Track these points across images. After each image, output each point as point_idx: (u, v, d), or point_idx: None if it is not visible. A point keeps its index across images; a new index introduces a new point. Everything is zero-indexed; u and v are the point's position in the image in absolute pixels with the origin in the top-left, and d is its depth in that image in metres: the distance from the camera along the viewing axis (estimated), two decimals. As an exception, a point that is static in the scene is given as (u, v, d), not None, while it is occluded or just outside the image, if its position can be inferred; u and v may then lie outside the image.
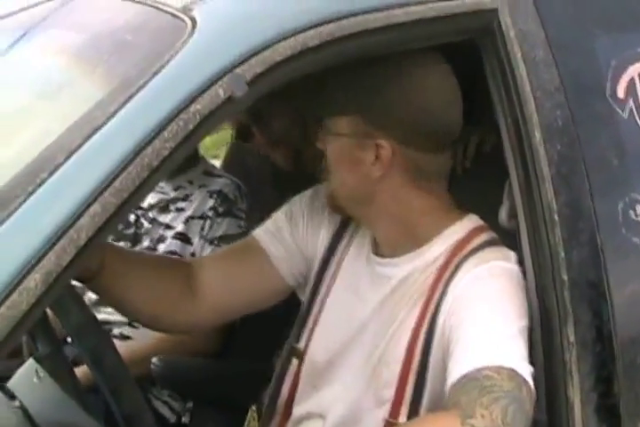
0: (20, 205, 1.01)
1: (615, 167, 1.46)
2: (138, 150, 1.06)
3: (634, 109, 1.50)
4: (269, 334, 2.15)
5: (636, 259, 1.45)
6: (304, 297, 1.66)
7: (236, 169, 2.52)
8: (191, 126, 1.10)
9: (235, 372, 2.22)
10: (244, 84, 1.14)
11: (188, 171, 2.35)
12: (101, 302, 2.20)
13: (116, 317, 2.24)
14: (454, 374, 1.31)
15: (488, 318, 1.36)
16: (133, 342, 2.28)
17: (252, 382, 2.15)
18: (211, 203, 2.28)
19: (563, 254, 1.38)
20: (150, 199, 2.36)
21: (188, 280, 1.57)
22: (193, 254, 2.23)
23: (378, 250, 1.56)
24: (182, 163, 2.33)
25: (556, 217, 1.38)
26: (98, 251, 1.37)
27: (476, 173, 1.70)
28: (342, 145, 1.47)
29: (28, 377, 1.45)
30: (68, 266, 1.00)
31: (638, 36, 1.54)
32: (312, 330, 1.62)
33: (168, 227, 2.29)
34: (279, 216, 1.64)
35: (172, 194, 2.34)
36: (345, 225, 1.62)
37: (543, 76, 1.41)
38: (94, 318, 1.32)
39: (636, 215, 1.46)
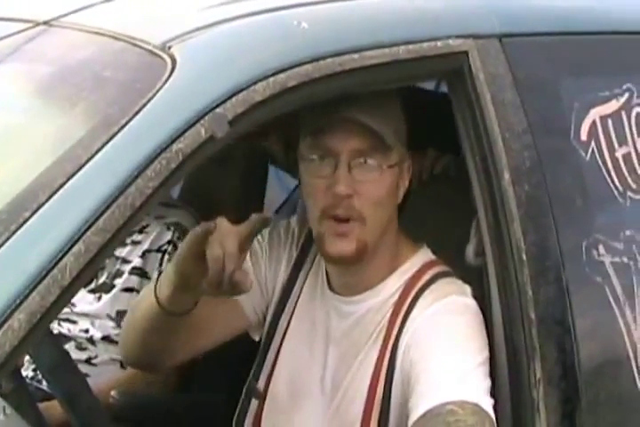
0: (3, 243, 1.00)
1: (579, 208, 1.50)
2: (122, 190, 1.06)
3: (595, 151, 1.54)
4: (229, 367, 2.15)
5: (598, 297, 1.48)
6: (260, 334, 1.65)
7: (192, 198, 2.51)
8: (174, 165, 1.11)
9: (193, 405, 2.21)
10: (225, 123, 1.15)
11: None
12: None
13: (74, 353, 2.20)
14: (419, 410, 1.33)
15: (449, 352, 1.38)
16: (92, 380, 2.26)
17: (210, 415, 2.15)
18: (168, 236, 2.24)
19: (530, 293, 1.41)
20: None
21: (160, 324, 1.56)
22: None
23: (332, 288, 1.56)
24: None
25: (524, 256, 1.41)
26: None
27: (435, 205, 1.74)
28: (392, 176, 1.47)
29: (-7, 414, 1.43)
30: (52, 306, 0.99)
31: (600, 80, 1.60)
32: (271, 369, 1.62)
33: (124, 261, 2.26)
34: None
35: None
36: (300, 262, 1.62)
37: (511, 119, 1.44)
38: (69, 358, 1.31)
39: (599, 255, 1.50)
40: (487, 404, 1.34)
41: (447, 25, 1.43)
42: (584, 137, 1.54)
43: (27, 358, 2.18)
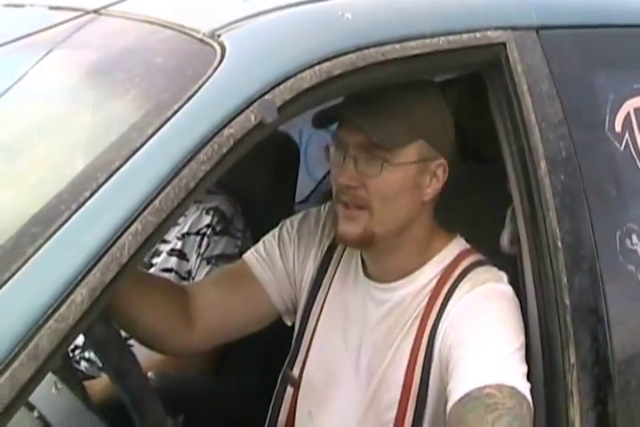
0: (64, 222, 1.04)
1: (613, 198, 1.52)
2: (176, 172, 1.10)
3: (629, 142, 1.57)
4: (261, 352, 2.19)
5: (631, 285, 1.51)
6: (295, 322, 1.68)
7: (229, 184, 2.56)
8: (225, 149, 1.14)
9: (227, 388, 2.25)
10: (274, 109, 1.18)
11: None
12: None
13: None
14: (457, 393, 1.36)
15: (487, 338, 1.41)
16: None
17: (242, 398, 2.19)
18: (207, 220, 2.29)
19: (565, 280, 1.44)
20: None
21: (186, 306, 1.60)
22: (189, 272, 2.24)
23: (368, 275, 1.59)
24: None
25: (559, 244, 1.44)
26: None
27: (472, 197, 1.76)
28: (407, 173, 1.48)
29: (45, 389, 1.48)
30: (111, 282, 1.03)
31: (635, 72, 1.62)
32: (305, 357, 1.65)
33: (163, 241, 2.31)
34: (270, 241, 1.67)
35: None
36: (331, 250, 1.65)
37: (547, 110, 1.47)
38: (118, 333, 1.35)
39: (632, 244, 1.53)
40: (524, 387, 1.37)
41: (486, 17, 1.46)
42: (618, 128, 1.56)
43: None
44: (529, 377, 1.42)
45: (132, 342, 2.27)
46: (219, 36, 1.25)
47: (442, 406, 1.44)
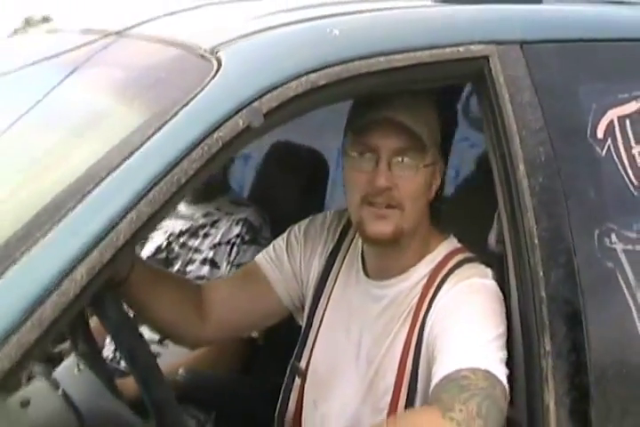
0: (70, 211, 1.21)
1: (593, 199, 1.62)
2: (169, 169, 1.26)
3: (611, 148, 1.67)
4: (287, 352, 2.33)
5: (609, 279, 1.60)
6: (302, 320, 1.83)
7: (260, 197, 2.74)
8: (214, 150, 1.30)
9: (255, 387, 2.38)
10: (260, 115, 1.34)
11: (218, 199, 2.56)
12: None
13: (147, 335, 2.44)
14: (437, 376, 1.49)
15: (466, 326, 1.54)
16: (163, 359, 2.47)
17: (270, 396, 2.32)
18: (237, 230, 2.47)
19: (541, 274, 1.54)
20: (181, 226, 2.57)
21: (200, 300, 1.76)
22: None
23: (367, 273, 1.73)
24: (212, 191, 2.58)
25: (536, 241, 1.55)
26: (128, 260, 1.58)
27: (467, 202, 1.88)
28: (427, 174, 1.64)
29: (69, 369, 1.65)
30: (107, 262, 1.19)
31: (618, 83, 1.72)
32: (312, 349, 1.79)
33: (196, 250, 2.49)
34: (279, 244, 1.83)
35: (201, 220, 2.55)
36: (335, 251, 1.79)
37: (528, 117, 1.58)
38: (130, 319, 1.51)
39: (611, 242, 1.62)
40: (499, 372, 1.48)
41: (470, 32, 1.59)
42: (600, 135, 1.66)
43: (107, 340, 2.42)
44: (510, 364, 1.53)
45: (167, 342, 2.46)
46: (217, 52, 1.41)
47: (429, 390, 1.56)
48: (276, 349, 2.30)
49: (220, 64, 1.38)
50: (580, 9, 1.84)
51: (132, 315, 1.70)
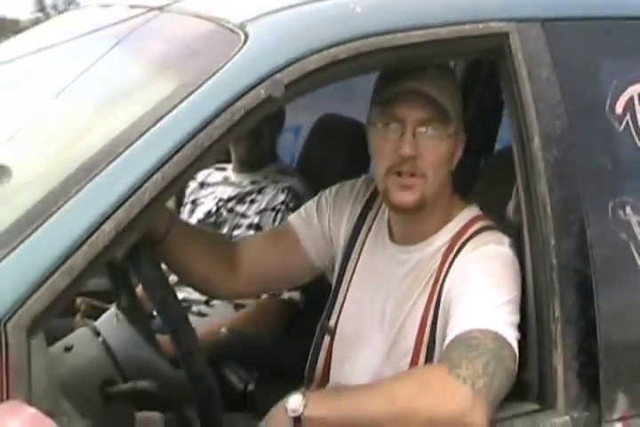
0: (102, 171, 1.33)
1: (608, 172, 1.68)
2: (194, 134, 1.37)
3: (630, 123, 1.72)
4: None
5: (621, 250, 1.66)
6: (333, 279, 1.92)
7: (306, 167, 2.85)
8: (236, 118, 1.40)
9: (295, 347, 2.49)
10: (282, 86, 1.43)
11: (265, 167, 2.69)
12: (180, 283, 2.54)
13: (195, 295, 2.58)
14: (449, 336, 1.57)
15: (479, 290, 1.61)
16: (209, 319, 2.60)
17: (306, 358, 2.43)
18: (282, 197, 2.60)
19: (553, 243, 1.61)
20: (230, 192, 2.70)
21: (234, 256, 1.88)
22: None
23: (393, 239, 1.82)
24: (261, 161, 2.71)
25: (548, 210, 1.61)
26: (165, 218, 1.70)
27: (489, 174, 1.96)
28: (450, 144, 1.72)
29: (109, 320, 1.80)
30: (134, 218, 1.31)
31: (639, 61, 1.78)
32: (340, 309, 1.88)
33: (243, 216, 2.63)
34: (310, 205, 1.93)
35: (248, 187, 2.68)
36: (363, 216, 1.88)
37: (546, 92, 1.64)
38: (163, 274, 1.64)
39: (625, 214, 1.68)
40: (509, 334, 1.56)
41: (491, 9, 1.66)
42: (619, 110, 1.71)
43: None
44: (523, 328, 1.61)
45: (213, 302, 2.59)
46: (245, 26, 1.51)
47: (445, 350, 1.65)
48: (316, 311, 2.42)
49: (247, 38, 1.48)
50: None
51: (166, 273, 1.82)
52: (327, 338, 1.91)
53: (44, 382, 1.22)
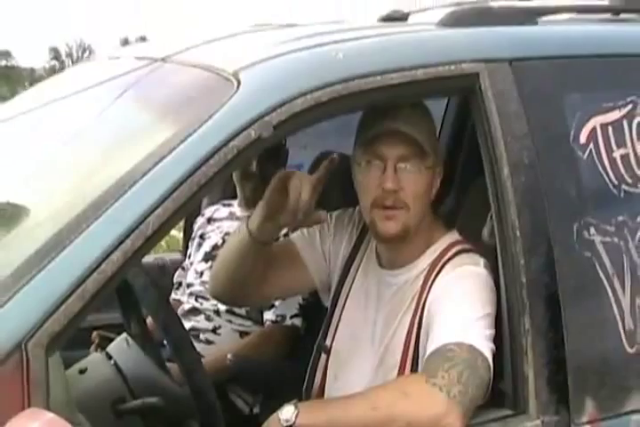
0: (109, 207, 1.50)
1: (573, 196, 1.83)
2: (191, 173, 1.54)
3: (593, 152, 1.87)
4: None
5: (586, 267, 1.81)
6: (328, 302, 2.09)
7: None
8: (230, 157, 1.57)
9: (296, 369, 2.64)
10: (270, 127, 1.60)
11: None
12: (190, 313, 2.72)
13: (203, 324, 2.75)
14: (429, 349, 1.74)
15: (455, 307, 1.78)
16: (216, 346, 2.76)
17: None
18: (285, 230, 2.76)
19: (522, 262, 1.76)
20: (235, 226, 2.87)
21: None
22: None
23: (381, 263, 1.99)
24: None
25: (517, 233, 1.77)
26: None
27: (465, 201, 2.12)
28: (428, 177, 1.90)
29: (120, 344, 1.96)
30: (139, 248, 1.48)
31: (604, 94, 1.92)
32: (335, 329, 2.05)
33: None
34: (313, 229, 2.10)
35: None
36: (359, 243, 2.05)
37: (513, 125, 1.79)
38: (166, 298, 1.81)
39: (590, 234, 1.83)
40: (483, 346, 1.71)
41: (462, 51, 1.81)
42: (583, 140, 1.86)
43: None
44: (498, 340, 1.76)
45: (219, 331, 2.75)
46: (238, 73, 1.69)
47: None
48: (316, 335, 2.57)
49: (239, 84, 1.65)
50: (565, 28, 2.05)
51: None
52: (324, 356, 2.07)
53: (60, 395, 1.38)
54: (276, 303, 2.71)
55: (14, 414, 1.24)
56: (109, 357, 1.91)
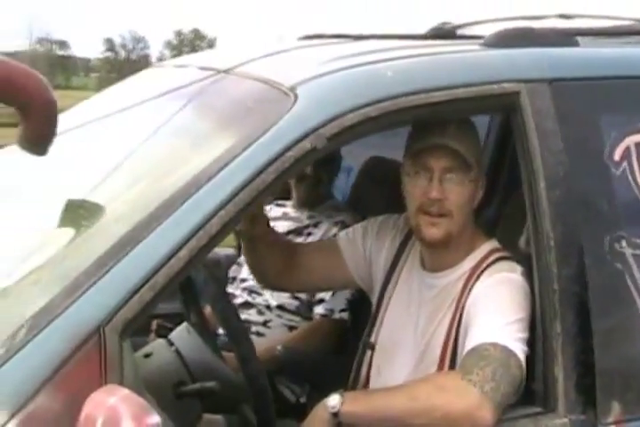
0: (178, 208, 1.65)
1: (605, 210, 1.95)
2: (252, 179, 1.68)
3: (627, 169, 2.00)
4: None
5: (616, 277, 1.93)
6: (373, 301, 2.24)
7: (356, 203, 3.19)
8: (287, 165, 1.71)
9: (342, 362, 2.77)
10: (324, 139, 1.75)
11: (321, 205, 3.04)
12: (243, 307, 2.88)
13: (254, 317, 2.91)
14: (466, 348, 1.87)
15: (492, 311, 1.91)
16: (266, 338, 2.92)
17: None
18: (335, 230, 2.93)
19: (555, 271, 1.89)
20: (289, 226, 3.05)
21: (290, 259, 2.26)
22: None
23: (424, 266, 2.13)
24: (318, 198, 3.07)
25: (552, 243, 1.90)
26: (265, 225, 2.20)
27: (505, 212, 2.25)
28: (470, 188, 2.05)
29: (182, 332, 2.13)
30: (203, 246, 1.63)
31: (636, 114, 2.05)
32: (380, 326, 2.20)
33: None
34: (357, 228, 2.28)
35: (306, 222, 3.04)
36: (403, 247, 2.20)
37: (550, 142, 1.92)
38: (224, 291, 1.97)
39: (621, 247, 1.95)
40: (516, 347, 1.85)
41: (503, 72, 1.95)
42: (617, 158, 1.98)
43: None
44: (531, 343, 1.89)
45: (270, 324, 2.91)
46: (295, 88, 1.84)
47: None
48: (361, 330, 2.72)
49: (296, 98, 1.80)
50: (605, 50, 2.17)
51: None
52: (368, 352, 2.22)
53: (131, 376, 1.54)
54: (326, 298, 2.87)
55: (94, 390, 1.40)
56: (171, 343, 2.07)
